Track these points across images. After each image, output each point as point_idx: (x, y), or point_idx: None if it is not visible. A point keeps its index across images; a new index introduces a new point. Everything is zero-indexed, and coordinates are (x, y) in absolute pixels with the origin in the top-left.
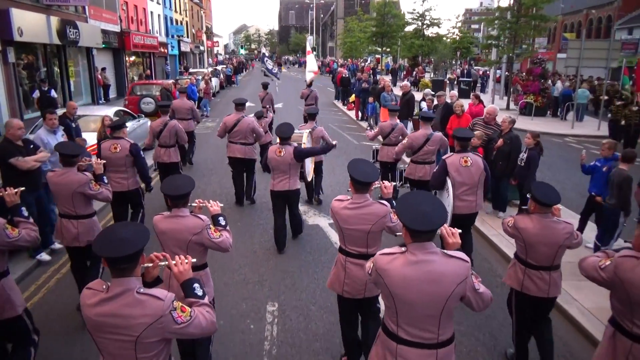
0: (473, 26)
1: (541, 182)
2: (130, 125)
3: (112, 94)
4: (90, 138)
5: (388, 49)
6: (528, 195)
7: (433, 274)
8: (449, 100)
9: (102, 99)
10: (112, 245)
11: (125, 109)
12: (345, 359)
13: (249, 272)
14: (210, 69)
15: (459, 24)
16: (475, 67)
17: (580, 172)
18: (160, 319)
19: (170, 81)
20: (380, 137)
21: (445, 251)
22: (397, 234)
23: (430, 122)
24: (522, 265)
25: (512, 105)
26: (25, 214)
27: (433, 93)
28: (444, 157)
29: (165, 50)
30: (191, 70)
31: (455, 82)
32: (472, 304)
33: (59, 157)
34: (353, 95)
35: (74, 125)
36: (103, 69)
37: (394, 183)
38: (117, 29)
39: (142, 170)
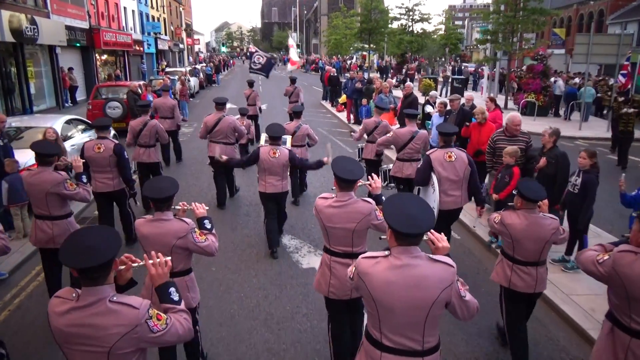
0: (456, 22)
1: (526, 178)
2: (87, 136)
3: (81, 95)
4: (27, 157)
5: (375, 46)
6: (514, 192)
7: (417, 279)
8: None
9: (69, 101)
10: (81, 254)
11: (80, 118)
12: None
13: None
14: (188, 68)
15: (444, 20)
16: (464, 64)
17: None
18: (135, 328)
19: (139, 82)
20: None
21: (430, 255)
22: (382, 237)
23: (415, 118)
24: (510, 261)
25: (510, 104)
26: None
27: (438, 95)
28: (427, 153)
29: (141, 48)
30: (167, 69)
31: (449, 81)
32: (457, 312)
33: (35, 157)
34: (344, 96)
35: (1, 142)
36: (69, 69)
37: (384, 185)
38: (85, 25)
39: (123, 172)
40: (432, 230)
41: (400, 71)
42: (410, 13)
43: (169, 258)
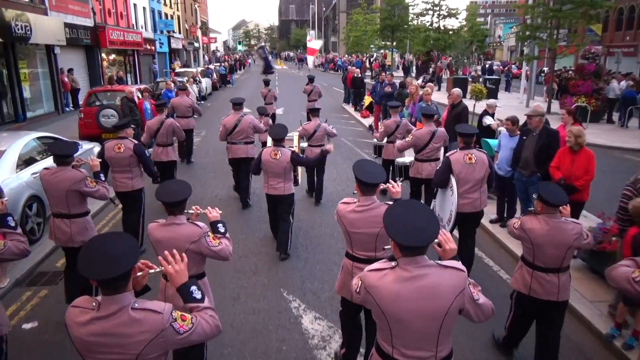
0: (478, 19)
1: (547, 182)
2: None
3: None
4: None
5: (398, 44)
6: (534, 196)
7: (429, 289)
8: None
9: (70, 105)
10: (103, 265)
11: (53, 136)
12: (344, 351)
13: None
14: (200, 68)
15: (467, 16)
16: (495, 63)
17: None
18: (161, 333)
19: (136, 87)
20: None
21: (439, 262)
22: (385, 247)
23: (432, 118)
24: (530, 267)
25: (554, 108)
26: (12, 224)
27: (497, 105)
28: (447, 155)
29: (153, 47)
30: (177, 70)
31: (480, 81)
32: (472, 316)
33: (53, 158)
34: (368, 98)
35: None
36: (70, 71)
37: (398, 180)
38: (90, 23)
39: (148, 167)
40: (442, 231)
41: (426, 70)
42: (437, 8)
43: (185, 256)
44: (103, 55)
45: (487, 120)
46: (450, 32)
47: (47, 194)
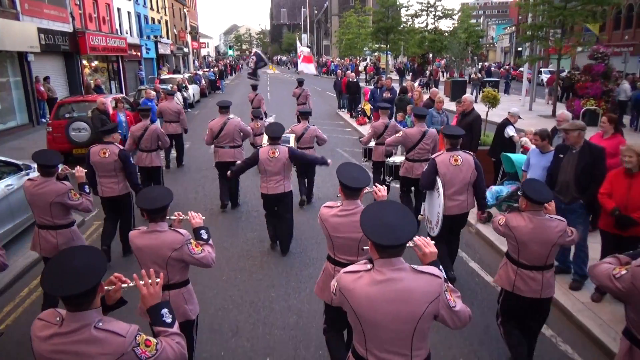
0: (471, 21)
1: (532, 179)
2: (9, 183)
3: None
4: None
5: (393, 46)
6: (519, 193)
7: (401, 294)
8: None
9: (47, 116)
10: (64, 280)
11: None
12: None
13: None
14: (187, 75)
15: (458, 17)
16: (492, 64)
17: None
18: (122, 357)
19: (109, 97)
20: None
21: (415, 267)
22: (365, 247)
23: (424, 119)
24: (514, 265)
25: (537, 107)
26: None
27: (520, 115)
28: (433, 156)
29: (139, 53)
30: (163, 76)
31: (479, 84)
32: (447, 322)
33: (37, 167)
34: (367, 105)
35: None
36: (46, 79)
37: (387, 179)
38: (68, 28)
39: (130, 177)
40: (417, 237)
41: (422, 73)
42: (432, 9)
43: (159, 279)
44: (85, 62)
45: (510, 131)
46: (446, 34)
47: (30, 205)
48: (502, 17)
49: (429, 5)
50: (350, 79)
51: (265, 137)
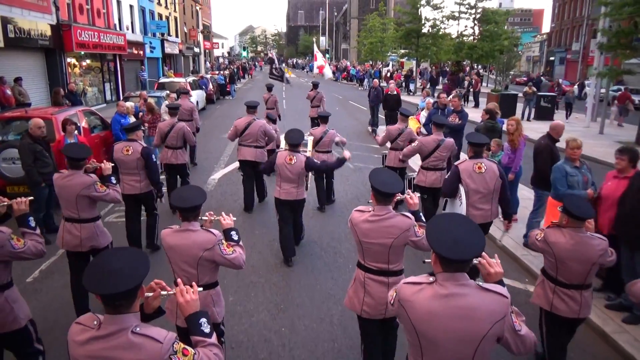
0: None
1: (572, 194)
2: None
3: None
4: None
5: (422, 50)
6: (559, 209)
7: (465, 310)
8: None
9: None
10: (106, 279)
11: None
12: None
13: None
14: (190, 79)
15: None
16: (542, 77)
17: None
18: None
19: (64, 114)
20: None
21: (481, 284)
22: (426, 260)
23: (442, 128)
24: (552, 283)
25: (607, 129)
26: (33, 224)
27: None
28: (456, 163)
29: (141, 52)
30: (162, 80)
31: (533, 99)
32: (511, 346)
33: (66, 160)
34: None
35: None
36: (16, 80)
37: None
38: (51, 20)
39: (151, 175)
40: (483, 254)
41: (456, 84)
42: (472, 11)
43: (195, 285)
44: (74, 60)
45: None
46: (489, 39)
47: (59, 198)
48: (526, 25)
49: (469, 6)
50: (391, 92)
51: (282, 142)
